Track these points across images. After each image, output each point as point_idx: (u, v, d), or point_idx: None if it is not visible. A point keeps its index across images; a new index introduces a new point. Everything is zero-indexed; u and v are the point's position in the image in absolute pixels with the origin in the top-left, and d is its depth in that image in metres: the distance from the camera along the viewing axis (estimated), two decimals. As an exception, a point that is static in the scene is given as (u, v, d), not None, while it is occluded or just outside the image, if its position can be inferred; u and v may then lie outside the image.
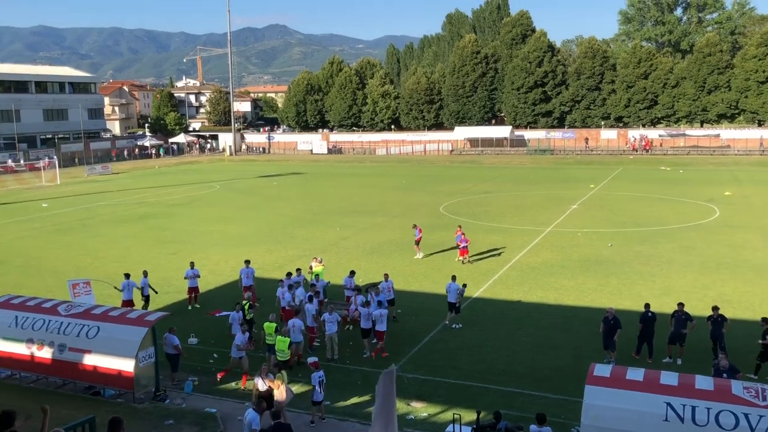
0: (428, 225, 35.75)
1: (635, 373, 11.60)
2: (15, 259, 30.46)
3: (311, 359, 16.93)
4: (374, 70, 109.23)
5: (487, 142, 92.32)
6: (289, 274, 21.61)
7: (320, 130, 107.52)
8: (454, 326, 20.25)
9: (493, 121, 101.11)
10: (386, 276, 21.39)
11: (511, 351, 18.33)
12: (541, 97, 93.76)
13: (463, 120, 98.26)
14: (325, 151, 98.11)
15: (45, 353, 16.03)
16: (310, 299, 19.04)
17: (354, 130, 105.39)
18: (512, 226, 35.58)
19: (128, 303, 21.13)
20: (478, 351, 18.37)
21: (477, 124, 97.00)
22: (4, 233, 36.95)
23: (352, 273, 22.21)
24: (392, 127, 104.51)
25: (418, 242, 29.23)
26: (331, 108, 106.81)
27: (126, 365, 15.14)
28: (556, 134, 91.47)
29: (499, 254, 29.18)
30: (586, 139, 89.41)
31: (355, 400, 15.49)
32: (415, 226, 29.61)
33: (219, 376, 16.74)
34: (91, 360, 15.50)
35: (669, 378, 11.41)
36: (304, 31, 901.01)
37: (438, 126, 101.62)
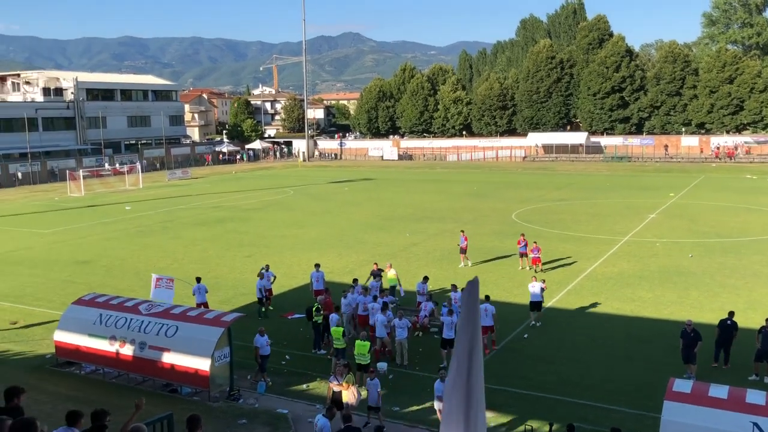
0: (500, 232, 35.39)
1: (718, 390, 11.06)
2: (100, 259, 31.92)
3: (380, 365, 17.05)
4: (446, 76, 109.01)
5: (562, 149, 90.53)
6: (355, 280, 21.77)
7: (391, 136, 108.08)
8: (534, 323, 20.65)
9: (568, 127, 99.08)
10: (455, 287, 21.18)
11: (585, 363, 17.85)
12: (619, 102, 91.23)
13: (536, 126, 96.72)
14: (396, 157, 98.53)
15: (126, 350, 16.70)
16: (383, 308, 19.07)
17: (425, 136, 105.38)
18: (587, 235, 34.71)
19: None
20: (550, 362, 17.98)
21: (551, 130, 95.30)
22: (91, 234, 38.81)
23: (426, 279, 22.05)
24: (464, 133, 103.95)
25: (463, 250, 28.59)
26: (402, 114, 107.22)
27: (202, 364, 15.59)
28: (634, 141, 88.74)
29: (573, 264, 28.49)
30: (666, 146, 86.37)
31: (424, 406, 15.43)
32: (462, 233, 29.16)
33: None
34: (169, 358, 16.04)
35: (756, 397, 10.83)
36: (377, 39, 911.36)
37: (511, 132, 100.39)
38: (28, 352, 19.47)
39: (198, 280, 22.14)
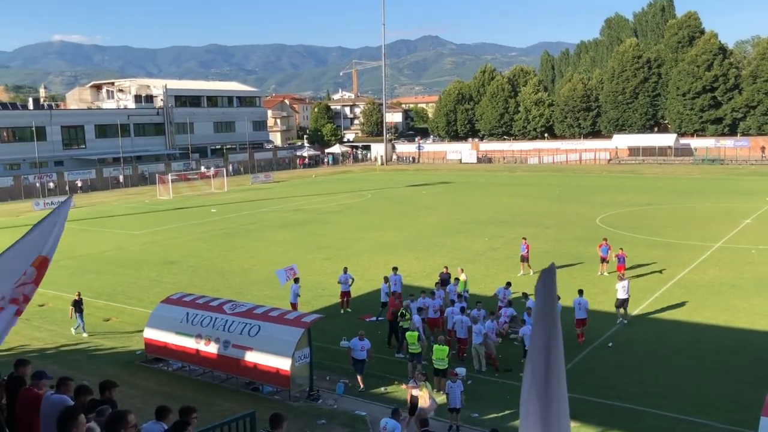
0: (583, 238, 34.42)
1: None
2: (188, 259, 33.11)
3: (458, 369, 16.85)
4: (527, 78, 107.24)
5: (649, 151, 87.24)
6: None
7: (470, 139, 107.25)
8: (621, 320, 20.78)
9: (656, 129, 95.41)
10: (525, 295, 20.68)
11: (673, 374, 17.06)
12: (710, 103, 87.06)
13: (622, 127, 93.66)
14: (475, 161, 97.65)
15: (211, 348, 17.21)
16: (462, 311, 18.91)
17: (505, 139, 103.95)
18: (676, 241, 33.24)
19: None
20: (636, 372, 17.29)
21: (637, 132, 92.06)
22: (179, 236, 40.36)
23: (508, 284, 21.62)
24: (545, 135, 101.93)
25: (524, 258, 27.70)
26: (481, 117, 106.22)
27: (283, 364, 15.87)
28: (727, 142, 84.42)
29: (662, 271, 27.33)
30: (763, 148, 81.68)
31: (502, 413, 15.16)
32: (523, 240, 28.32)
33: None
34: (251, 357, 16.42)
35: None
36: (456, 41, 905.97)
37: (595, 134, 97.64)
38: (119, 347, 20.41)
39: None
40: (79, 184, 71.06)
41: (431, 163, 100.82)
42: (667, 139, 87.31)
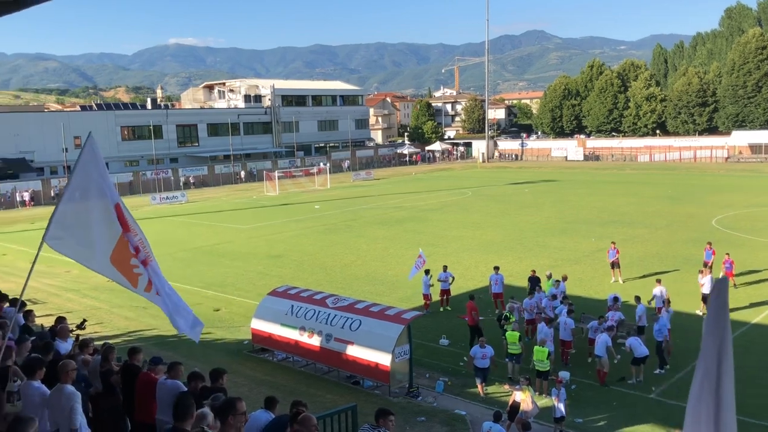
0: (697, 240, 32.51)
1: None
2: (292, 254, 34.06)
3: (562, 373, 16.37)
4: (638, 72, 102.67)
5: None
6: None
7: (576, 135, 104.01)
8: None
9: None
10: (638, 299, 19.71)
11: (801, 389, 15.77)
12: None
13: (742, 123, 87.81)
14: (581, 158, 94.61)
15: (314, 341, 17.59)
16: (569, 313, 18.36)
17: (613, 136, 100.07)
18: (803, 245, 30.78)
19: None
20: (756, 383, 16.11)
21: (759, 128, 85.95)
22: (284, 230, 41.60)
23: (616, 299, 20.61)
24: (657, 132, 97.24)
25: (615, 264, 26.23)
26: (588, 113, 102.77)
27: (383, 359, 15.98)
28: None
29: (786, 276, 25.38)
30: None
31: (609, 420, 14.57)
32: (612, 245, 26.76)
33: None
34: (352, 351, 16.64)
35: None
36: (562, 36, 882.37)
37: (711, 130, 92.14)
38: (228, 337, 21.25)
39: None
40: (193, 180, 74.80)
41: (535, 161, 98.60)
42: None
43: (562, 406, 13.67)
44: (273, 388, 15.73)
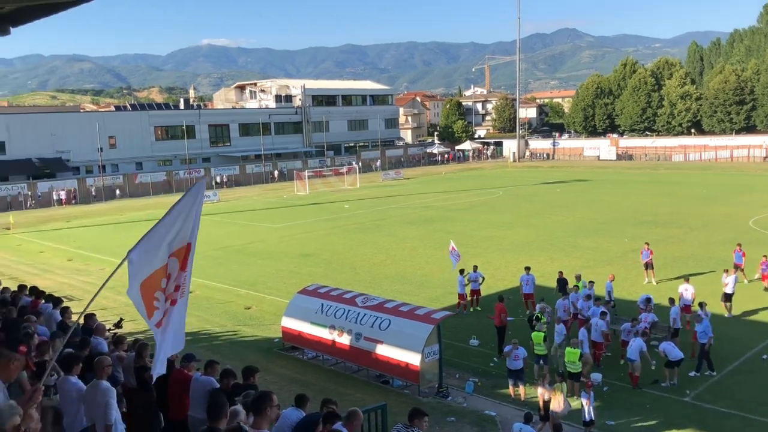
0: (733, 241, 31.80)
1: None
2: (322, 253, 34.21)
3: (594, 376, 16.18)
4: (673, 70, 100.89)
5: (812, 148, 79.33)
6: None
7: (609, 135, 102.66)
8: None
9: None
10: (672, 300, 19.35)
11: (843, 395, 15.34)
12: None
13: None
14: (614, 157, 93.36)
15: (344, 340, 17.64)
16: (603, 315, 18.12)
17: (647, 135, 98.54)
18: None
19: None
20: (796, 390, 15.74)
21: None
22: (315, 229, 41.81)
23: (649, 300, 20.29)
24: (692, 131, 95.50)
25: (647, 265, 25.76)
26: (621, 112, 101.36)
27: (412, 359, 15.95)
28: None
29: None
30: None
31: (642, 424, 14.35)
32: (646, 245, 26.26)
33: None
34: (382, 350, 16.64)
35: None
36: (594, 34, 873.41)
37: (749, 129, 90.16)
38: (259, 335, 21.42)
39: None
40: (225, 179, 75.66)
41: (566, 160, 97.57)
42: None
43: (590, 410, 13.48)
44: (303, 386, 15.82)
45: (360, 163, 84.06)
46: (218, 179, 75.08)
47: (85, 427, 7.84)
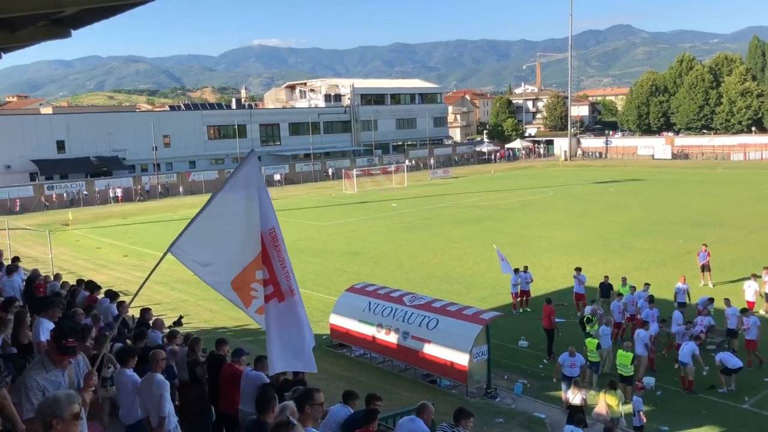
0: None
1: None
2: (370, 251, 34.33)
3: (647, 380, 15.81)
4: (732, 66, 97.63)
5: None
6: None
7: (663, 133, 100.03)
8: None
9: None
10: (728, 301, 18.71)
11: None
12: None
13: None
14: (669, 156, 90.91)
15: (391, 338, 17.66)
16: (644, 326, 17.68)
17: (704, 133, 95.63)
18: None
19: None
20: None
21: None
22: (362, 228, 41.98)
23: (711, 300, 19.70)
24: (753, 129, 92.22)
25: (704, 267, 24.95)
26: (677, 109, 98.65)
27: (460, 359, 15.86)
28: None
29: None
30: None
31: (695, 429, 13.94)
32: (703, 247, 25.40)
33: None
34: (429, 350, 16.59)
35: None
36: (650, 30, 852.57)
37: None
38: (308, 331, 21.59)
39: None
40: (278, 178, 76.73)
41: (619, 159, 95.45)
42: None
43: (641, 415, 13.14)
44: (350, 383, 15.88)
45: (408, 162, 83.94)
46: (277, 177, 76.28)
47: (139, 419, 8.04)
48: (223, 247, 6.13)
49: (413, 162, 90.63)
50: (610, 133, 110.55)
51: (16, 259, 18.02)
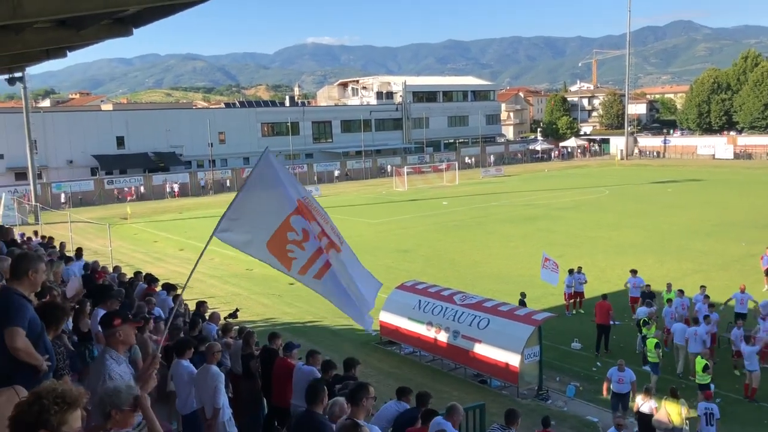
0: None
1: None
2: (420, 249, 34.25)
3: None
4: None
5: None
6: (674, 289, 20.30)
7: (725, 132, 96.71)
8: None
9: None
10: None
11: None
12: None
13: None
14: (731, 156, 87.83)
15: (441, 337, 17.58)
16: (705, 319, 17.15)
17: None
18: None
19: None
20: None
21: None
22: (413, 226, 41.92)
23: None
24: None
25: None
26: (741, 108, 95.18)
27: (512, 359, 15.67)
28: None
29: None
30: None
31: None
32: (767, 251, 24.31)
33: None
34: (480, 349, 16.45)
35: None
36: (712, 26, 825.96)
37: None
38: (358, 328, 21.68)
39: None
40: (336, 174, 77.47)
41: (678, 158, 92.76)
42: None
43: (704, 423, 12.69)
44: (400, 380, 15.86)
45: (459, 160, 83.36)
46: (336, 173, 77.17)
47: (195, 409, 8.21)
48: (255, 216, 6.37)
49: (470, 158, 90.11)
50: (670, 132, 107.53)
51: (79, 251, 18.69)
